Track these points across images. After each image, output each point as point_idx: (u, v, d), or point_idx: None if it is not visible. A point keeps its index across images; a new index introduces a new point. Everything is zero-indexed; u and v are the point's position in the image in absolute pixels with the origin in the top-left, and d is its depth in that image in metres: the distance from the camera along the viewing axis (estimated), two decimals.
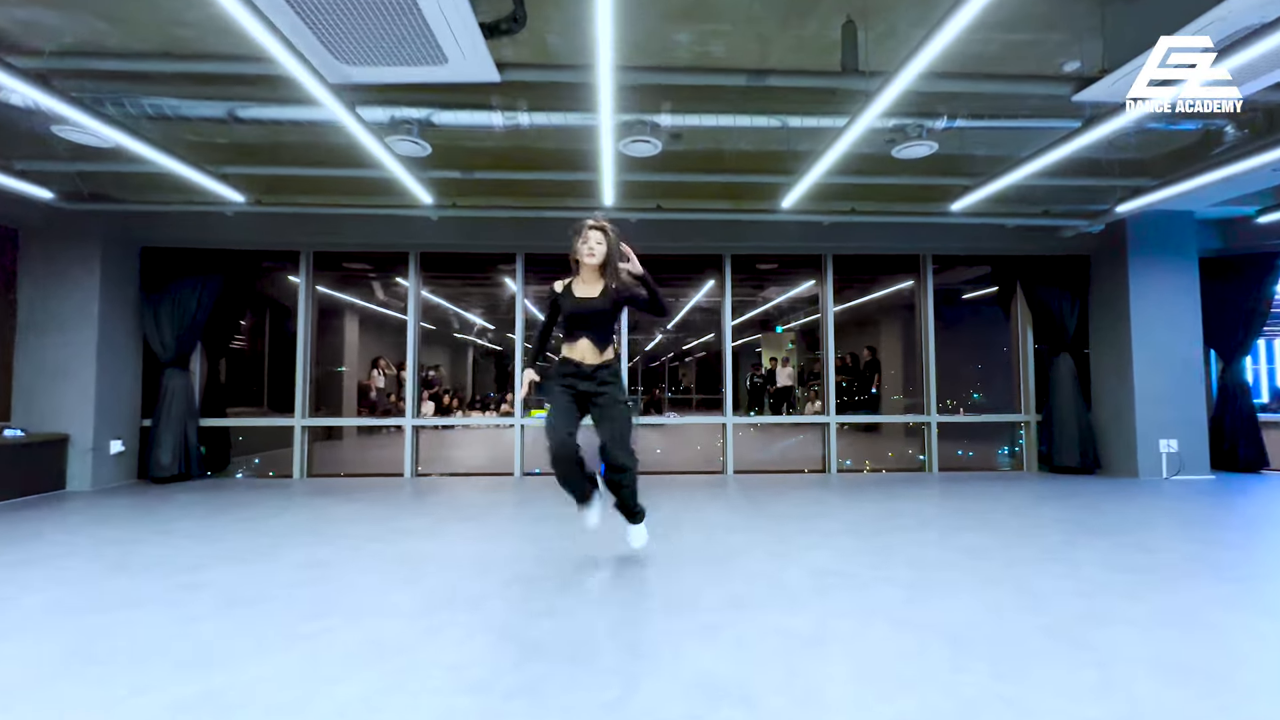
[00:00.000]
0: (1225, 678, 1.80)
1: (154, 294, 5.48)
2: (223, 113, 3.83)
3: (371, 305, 10.43)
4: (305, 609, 2.36)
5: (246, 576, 2.75)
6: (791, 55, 3.69)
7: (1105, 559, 2.99)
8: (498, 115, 3.89)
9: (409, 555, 3.10)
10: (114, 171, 4.66)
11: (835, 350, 6.24)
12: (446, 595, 2.51)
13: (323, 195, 5.26)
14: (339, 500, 4.61)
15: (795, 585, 2.61)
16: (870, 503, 4.46)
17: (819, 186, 4.63)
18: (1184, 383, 5.57)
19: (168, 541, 3.35)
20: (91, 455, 5.02)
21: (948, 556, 3.03)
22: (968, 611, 2.30)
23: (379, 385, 10.54)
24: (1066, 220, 5.35)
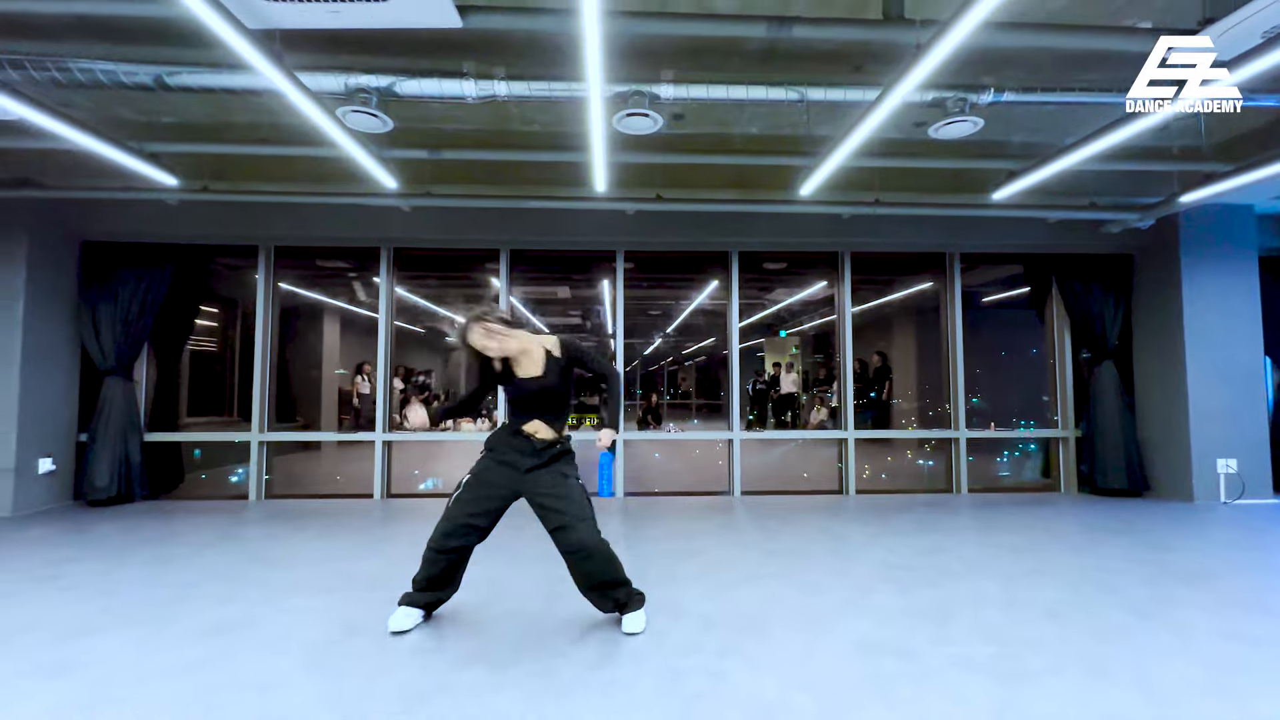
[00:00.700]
0: None
1: (93, 293, 4.88)
2: (149, 79, 3.25)
3: (352, 307, 9.83)
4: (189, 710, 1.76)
5: (125, 652, 2.14)
6: (816, 6, 3.10)
7: (1215, 624, 2.39)
8: (470, 83, 3.31)
9: (345, 615, 2.49)
10: (35, 149, 4.07)
11: (839, 357, 5.64)
12: (384, 688, 1.90)
13: (278, 183, 4.68)
14: (289, 529, 4.01)
15: (838, 675, 2.01)
16: (900, 535, 3.86)
17: (840, 173, 4.05)
18: (1244, 395, 4.99)
19: (43, 595, 2.74)
20: (13, 476, 4.41)
21: (1024, 622, 2.43)
22: None
23: (363, 392, 9.94)
24: (1116, 214, 4.77)
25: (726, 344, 5.61)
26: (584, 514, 2.24)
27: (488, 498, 2.29)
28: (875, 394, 9.07)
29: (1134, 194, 4.79)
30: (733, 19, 2.74)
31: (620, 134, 3.72)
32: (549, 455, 2.31)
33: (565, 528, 2.21)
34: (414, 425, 2.32)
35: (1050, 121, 4.22)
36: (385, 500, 5.13)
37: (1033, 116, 4.12)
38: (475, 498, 2.29)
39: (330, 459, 8.27)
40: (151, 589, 2.79)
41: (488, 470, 2.33)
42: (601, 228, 5.06)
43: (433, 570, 2.32)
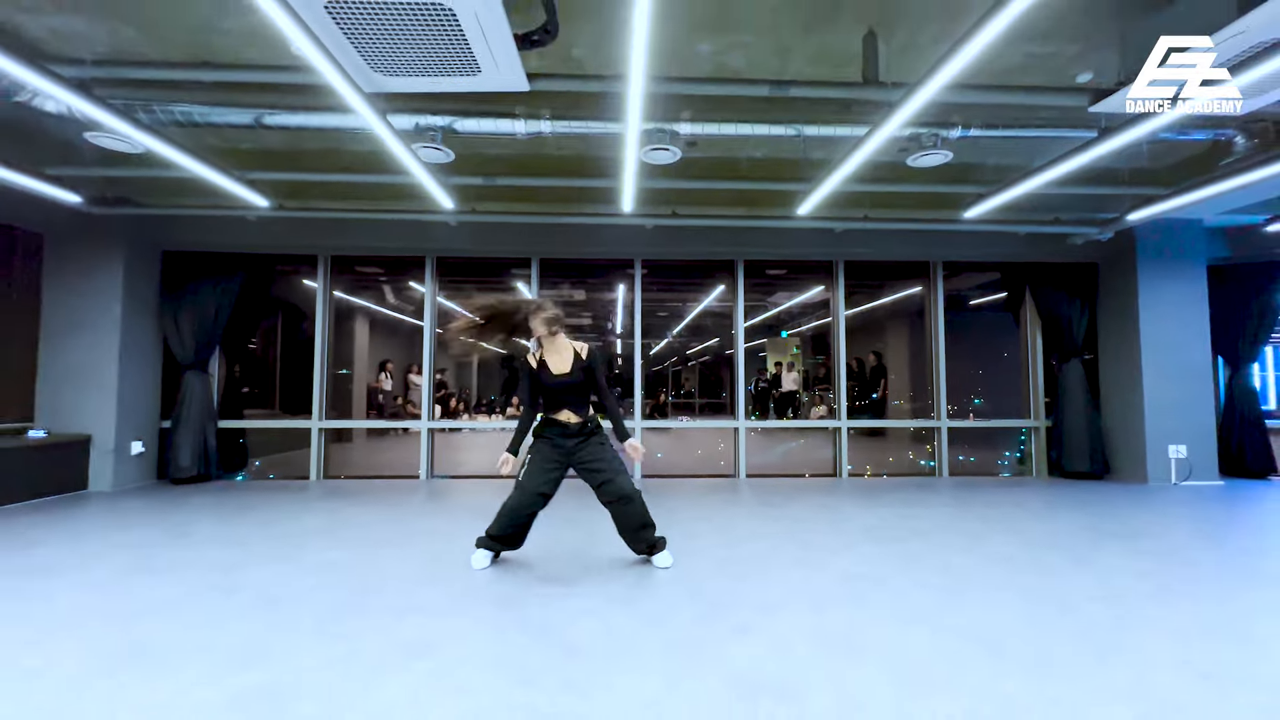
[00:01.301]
0: (1253, 678, 1.85)
1: (174, 297, 5.55)
2: (250, 119, 3.90)
3: (381, 309, 10.49)
4: (340, 608, 2.41)
5: (279, 576, 2.80)
6: (810, 67, 3.76)
7: (1129, 564, 3.03)
8: (520, 123, 3.96)
9: (436, 555, 3.14)
10: (138, 176, 4.73)
11: (834, 355, 6.29)
12: (478, 594, 2.55)
13: (342, 200, 5.33)
14: (357, 502, 4.66)
15: (825, 591, 2.65)
16: (886, 508, 4.50)
17: (833, 194, 4.69)
18: (1193, 389, 5.62)
19: (189, 545, 3.40)
20: (113, 456, 5.07)
21: (979, 564, 3.07)
22: (1005, 617, 2.35)
23: (385, 388, 10.61)
24: (1077, 228, 5.41)
25: (731, 344, 6.24)
26: (621, 468, 2.87)
27: (548, 470, 2.86)
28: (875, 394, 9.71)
29: (1094, 210, 5.42)
30: (742, 81, 3.39)
31: (643, 164, 4.37)
32: (584, 434, 2.90)
33: (609, 480, 2.83)
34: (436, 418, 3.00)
35: (1017, 148, 4.86)
36: (430, 480, 5.78)
37: (1000, 145, 4.76)
38: (539, 471, 2.86)
39: (361, 449, 8.94)
40: (270, 541, 3.45)
41: (541, 451, 2.91)
42: (622, 240, 5.71)
43: (507, 529, 2.90)
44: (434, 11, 2.42)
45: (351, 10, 2.41)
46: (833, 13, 3.23)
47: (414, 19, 2.47)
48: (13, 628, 2.21)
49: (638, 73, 2.65)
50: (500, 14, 2.46)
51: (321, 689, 1.76)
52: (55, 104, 3.69)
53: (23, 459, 4.62)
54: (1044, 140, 4.27)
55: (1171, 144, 4.70)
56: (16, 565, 2.96)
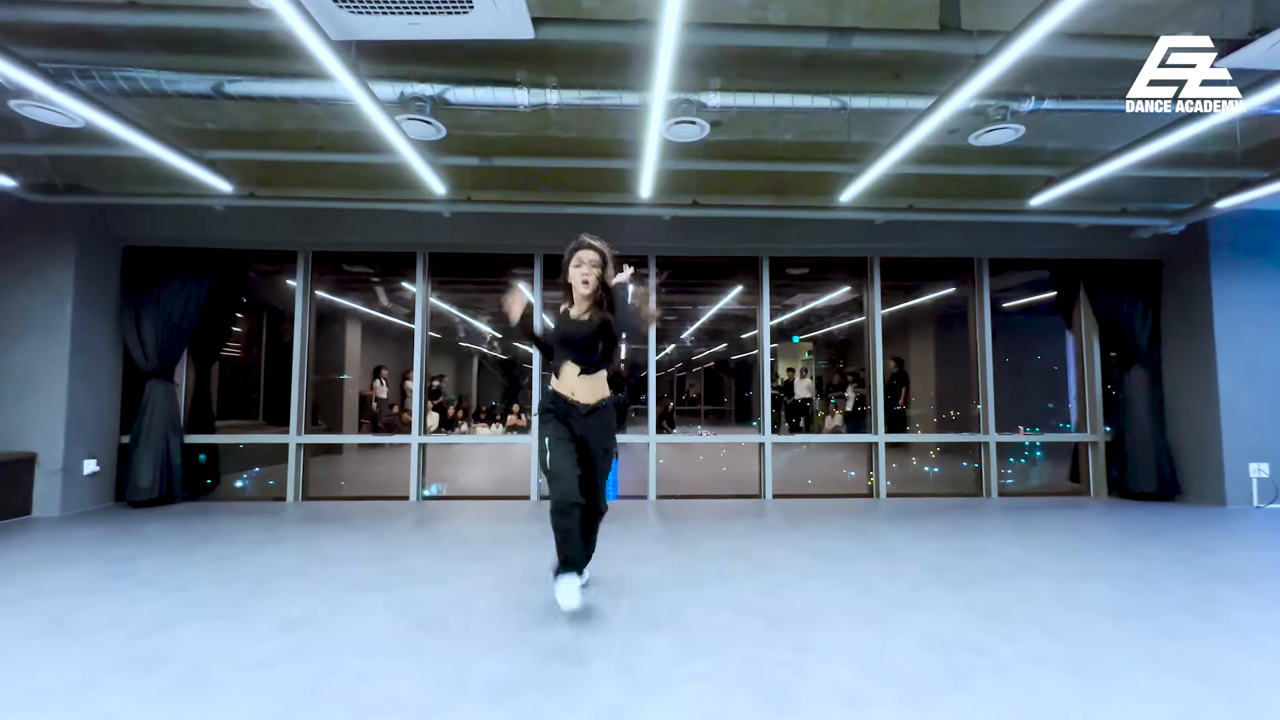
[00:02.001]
0: None
1: (136, 297, 4.97)
2: (208, 88, 3.34)
3: (373, 311, 9.92)
4: (287, 695, 1.81)
5: (219, 641, 2.20)
6: (866, 18, 3.17)
7: (1268, 620, 2.43)
8: (522, 92, 3.38)
9: (412, 608, 2.54)
10: (89, 157, 4.16)
11: (869, 361, 5.69)
12: (462, 675, 1.95)
13: (322, 189, 4.76)
14: (335, 529, 4.06)
15: (912, 668, 2.05)
16: (935, 538, 3.89)
17: (879, 179, 4.11)
18: (1275, 400, 5.02)
19: (121, 590, 2.80)
20: (61, 476, 4.48)
21: (1082, 618, 2.47)
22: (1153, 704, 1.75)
23: (380, 395, 10.01)
24: (1147, 220, 4.82)
25: (740, 349, 5.67)
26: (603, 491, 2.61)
27: (565, 450, 2.44)
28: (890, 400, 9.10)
29: (1165, 199, 4.83)
30: (793, 29, 2.80)
31: (664, 141, 3.79)
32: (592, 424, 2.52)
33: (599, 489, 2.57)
34: (430, 428, 2.43)
35: (1083, 128, 4.27)
36: (420, 503, 5.17)
37: (1067, 123, 4.18)
38: (566, 453, 2.43)
39: (351, 461, 8.33)
40: (221, 586, 2.85)
41: (550, 427, 2.49)
42: (636, 233, 5.13)
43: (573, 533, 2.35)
44: None
45: None
46: None
47: None
48: None
49: (674, 11, 2.07)
50: None
51: None
52: None
53: None
54: (1121, 116, 3.69)
55: (1262, 122, 4.13)
56: None
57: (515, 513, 4.72)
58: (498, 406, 14.88)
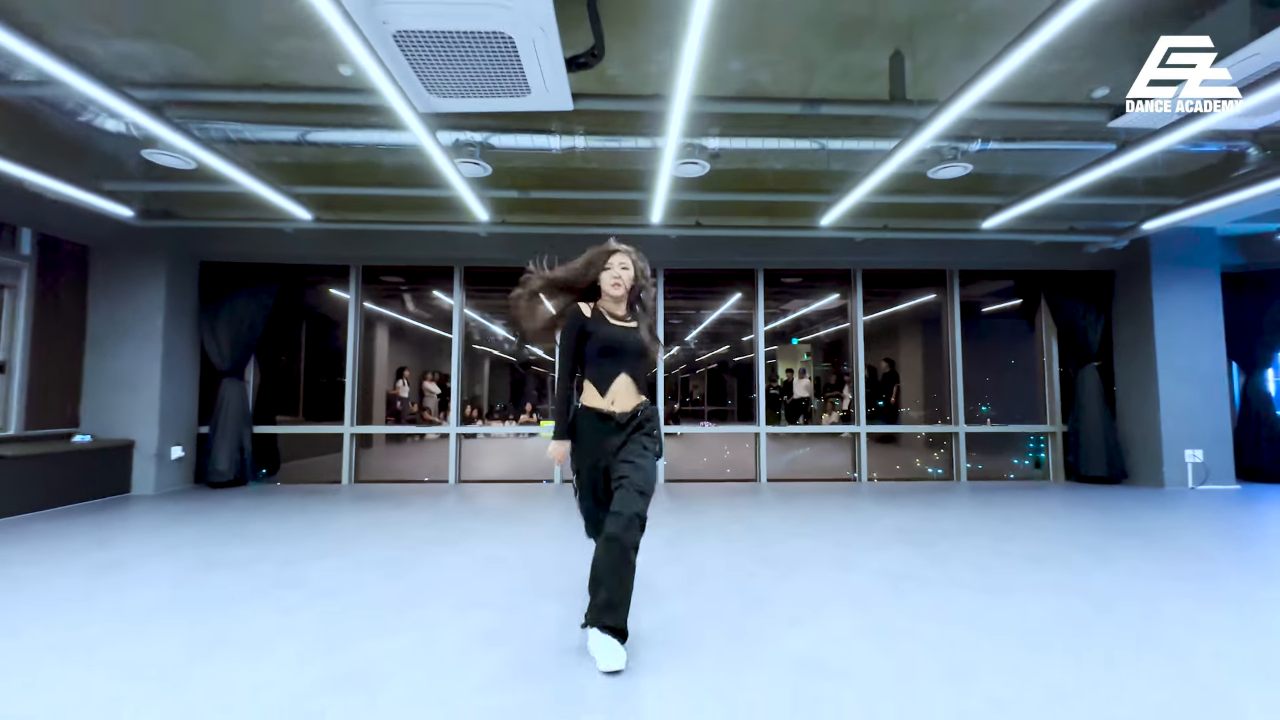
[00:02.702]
0: None
1: (212, 306, 5.72)
2: (295, 136, 4.08)
3: (401, 316, 10.68)
4: (402, 599, 2.54)
5: (332, 572, 2.93)
6: (835, 83, 3.89)
7: (1150, 564, 3.13)
8: (555, 139, 4.12)
9: (475, 552, 3.27)
10: (184, 191, 4.91)
11: (852, 362, 6.40)
12: (536, 586, 2.68)
13: (375, 212, 5.50)
14: (391, 504, 4.80)
15: (864, 589, 2.77)
16: (906, 511, 4.60)
17: (856, 205, 4.82)
18: (1208, 395, 5.71)
19: (244, 543, 3.55)
20: (155, 460, 5.23)
21: (1004, 563, 3.18)
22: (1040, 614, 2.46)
23: (403, 395, 10.78)
24: (1092, 237, 5.53)
25: (742, 351, 6.37)
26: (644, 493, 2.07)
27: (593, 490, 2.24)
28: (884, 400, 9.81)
29: (1109, 219, 5.54)
30: (774, 100, 3.54)
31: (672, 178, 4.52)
32: (632, 427, 2.17)
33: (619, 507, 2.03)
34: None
35: (1034, 160, 4.99)
36: (458, 485, 5.91)
37: (1018, 157, 4.89)
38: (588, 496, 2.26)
39: (380, 454, 9.09)
40: (320, 540, 3.58)
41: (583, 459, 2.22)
42: (645, 250, 5.79)
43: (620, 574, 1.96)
44: (493, 38, 2.58)
45: (417, 38, 2.57)
46: (859, 33, 3.38)
47: (474, 45, 2.63)
48: (106, 621, 2.35)
49: (683, 92, 2.80)
50: (555, 40, 2.61)
51: (404, 675, 1.89)
52: (116, 123, 3.88)
53: (70, 463, 4.78)
54: (1061, 152, 4.42)
55: (1186, 154, 4.82)
56: (94, 561, 3.10)
57: (540, 492, 5.45)
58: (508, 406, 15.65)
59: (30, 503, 4.42)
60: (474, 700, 1.73)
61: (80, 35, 3.41)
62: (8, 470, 4.27)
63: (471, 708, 1.69)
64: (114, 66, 3.74)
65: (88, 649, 2.08)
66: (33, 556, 3.21)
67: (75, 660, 2.00)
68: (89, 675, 1.89)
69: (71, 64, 2.82)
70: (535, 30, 2.51)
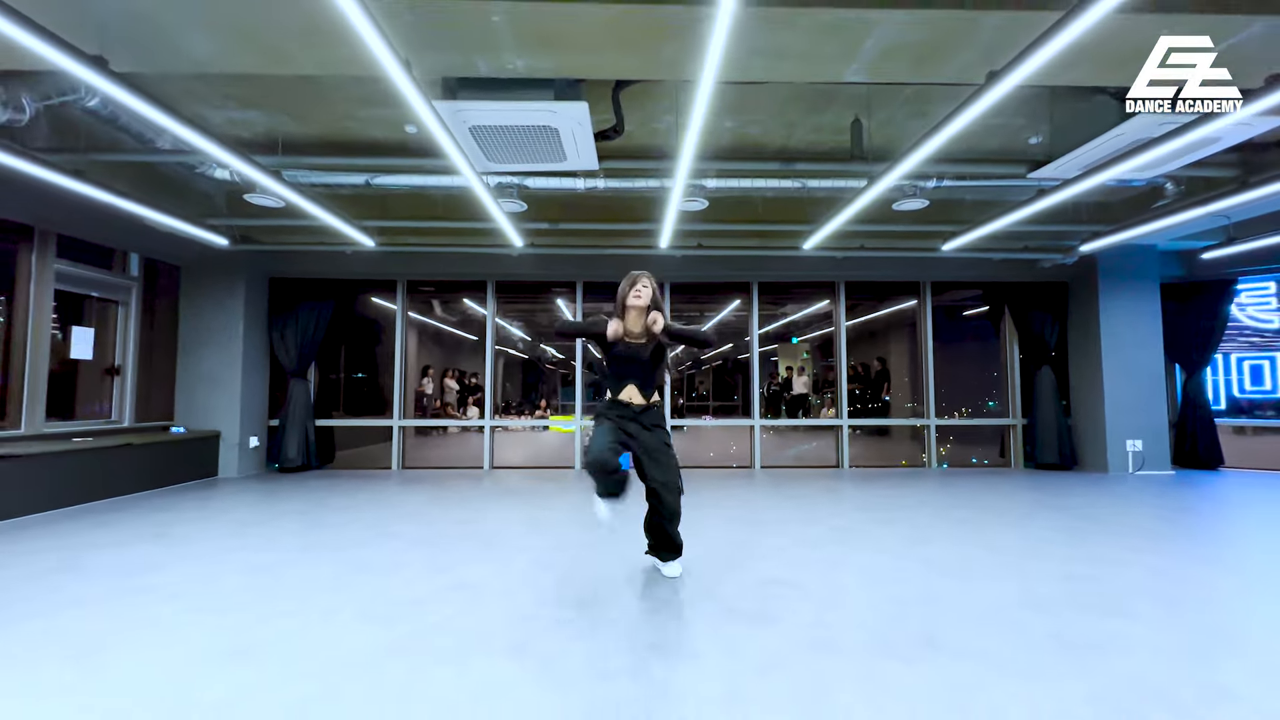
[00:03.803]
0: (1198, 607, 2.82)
1: (280, 316, 6.64)
2: (361, 181, 4.97)
3: (428, 320, 11.60)
4: (480, 543, 3.43)
5: (419, 526, 3.83)
6: (812, 135, 4.75)
7: (1053, 525, 3.99)
8: (580, 181, 4.99)
9: (518, 515, 4.16)
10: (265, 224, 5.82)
11: (848, 361, 7.26)
12: (561, 541, 3.56)
13: (423, 237, 6.40)
14: (439, 485, 5.70)
15: (820, 538, 3.64)
16: (876, 491, 5.46)
17: (833, 232, 5.66)
18: (1148, 392, 6.52)
19: (329, 519, 4.46)
20: (237, 449, 6.16)
21: (939, 524, 4.04)
22: (951, 553, 3.33)
23: (428, 391, 11.73)
24: (1043, 255, 6.34)
25: (744, 350, 7.22)
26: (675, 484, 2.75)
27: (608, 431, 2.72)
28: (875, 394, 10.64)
29: (1058, 240, 6.35)
30: (758, 159, 4.43)
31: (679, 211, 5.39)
32: (645, 421, 2.75)
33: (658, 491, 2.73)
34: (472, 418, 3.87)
35: (986, 191, 5.80)
36: (491, 470, 6.81)
37: (971, 190, 5.71)
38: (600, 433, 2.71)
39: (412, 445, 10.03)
40: (397, 509, 4.49)
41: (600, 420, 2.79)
42: (655, 267, 6.67)
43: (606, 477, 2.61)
44: (542, 130, 3.45)
45: (487, 130, 3.44)
46: (827, 101, 4.23)
47: (527, 134, 3.50)
48: (313, 570, 3.25)
49: (688, 150, 3.66)
50: (589, 129, 3.48)
51: None
52: (223, 171, 4.78)
53: (167, 451, 5.70)
54: (1007, 187, 5.24)
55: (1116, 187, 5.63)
56: (227, 524, 4.01)
57: (564, 476, 6.35)
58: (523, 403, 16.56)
59: (140, 484, 5.34)
60: (544, 610, 2.62)
61: (201, 104, 4.31)
62: (128, 456, 5.20)
63: (544, 617, 2.58)
64: (225, 128, 4.65)
65: (272, 571, 2.98)
66: (172, 519, 4.13)
67: (266, 578, 2.89)
68: (285, 582, 2.78)
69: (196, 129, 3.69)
70: (574, 124, 3.38)
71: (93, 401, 5.51)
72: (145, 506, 4.64)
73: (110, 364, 5.63)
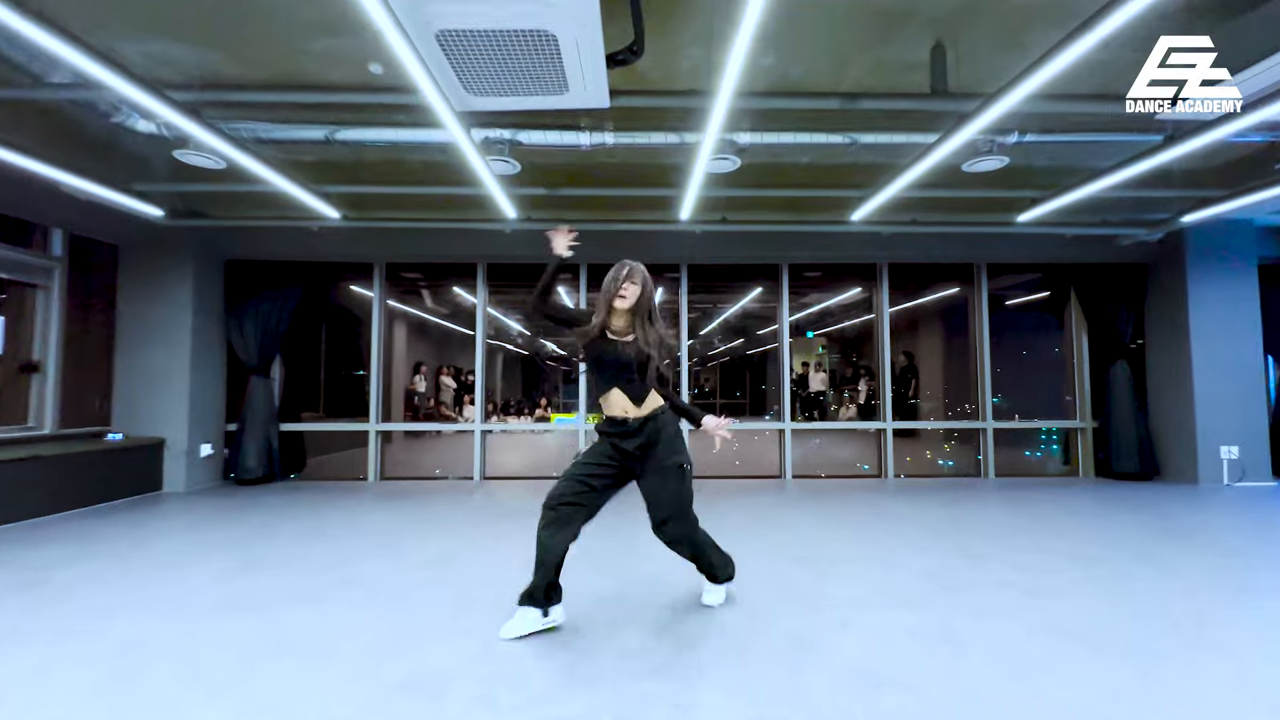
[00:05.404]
0: None
1: (240, 305, 5.75)
2: (322, 135, 4.07)
3: (418, 312, 10.71)
4: (453, 604, 2.54)
5: (382, 571, 2.94)
6: (867, 77, 3.81)
7: (1196, 563, 3.09)
8: (585, 135, 4.08)
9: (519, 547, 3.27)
10: (210, 191, 4.92)
11: (878, 356, 6.35)
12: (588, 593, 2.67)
13: (401, 210, 5.49)
14: (420, 502, 4.81)
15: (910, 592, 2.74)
16: (939, 509, 4.56)
17: (888, 199, 4.75)
18: (1245, 389, 5.61)
19: (277, 543, 3.57)
20: (185, 458, 5.27)
21: (1053, 561, 3.14)
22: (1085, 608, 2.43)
23: (420, 389, 10.84)
24: (1127, 229, 5.42)
25: (756, 345, 6.33)
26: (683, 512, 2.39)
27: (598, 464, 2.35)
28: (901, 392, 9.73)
29: (1144, 211, 5.42)
30: (813, 94, 3.47)
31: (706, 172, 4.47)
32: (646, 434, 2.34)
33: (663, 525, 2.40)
34: (468, 419, 3.00)
35: (1070, 152, 4.88)
36: (483, 482, 5.92)
37: (1054, 149, 4.79)
38: (586, 460, 2.37)
39: (400, 449, 9.13)
40: (360, 537, 3.60)
41: (591, 449, 2.43)
42: (671, 245, 5.82)
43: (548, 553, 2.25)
44: (536, 37, 2.54)
45: (460, 37, 2.54)
46: (896, 26, 3.30)
47: (516, 44, 2.60)
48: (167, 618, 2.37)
49: (727, 88, 2.76)
50: (598, 36, 2.57)
51: (472, 675, 1.88)
52: (148, 124, 3.88)
53: (102, 462, 4.82)
54: (1103, 144, 4.32)
55: (1226, 145, 4.70)
56: (140, 561, 3.13)
57: None
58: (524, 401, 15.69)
59: (65, 502, 4.46)
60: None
61: (116, 38, 3.41)
62: (43, 469, 4.32)
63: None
64: (147, 68, 3.74)
65: (148, 652, 2.10)
66: (67, 556, 3.25)
67: (134, 662, 2.01)
68: (151, 675, 1.90)
69: (108, 64, 2.82)
70: (578, 27, 2.47)
71: (3, 405, 4.62)
72: (53, 534, 3.77)
73: (28, 359, 4.74)
